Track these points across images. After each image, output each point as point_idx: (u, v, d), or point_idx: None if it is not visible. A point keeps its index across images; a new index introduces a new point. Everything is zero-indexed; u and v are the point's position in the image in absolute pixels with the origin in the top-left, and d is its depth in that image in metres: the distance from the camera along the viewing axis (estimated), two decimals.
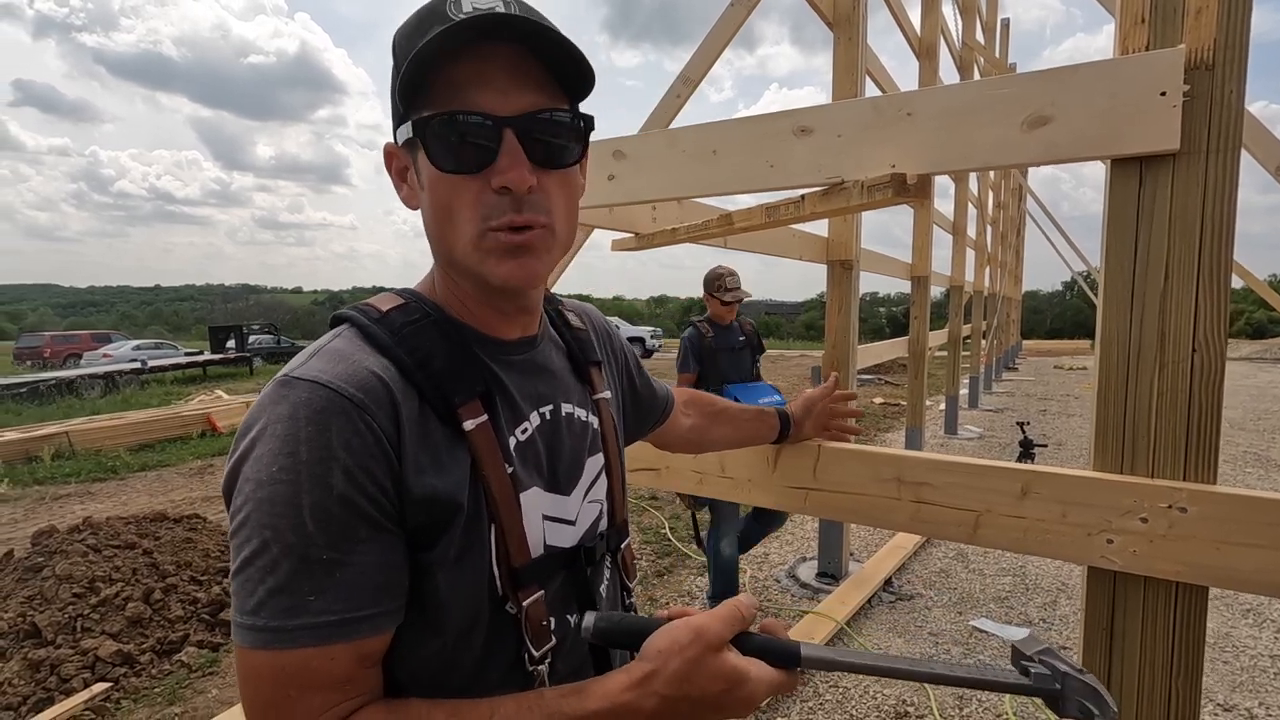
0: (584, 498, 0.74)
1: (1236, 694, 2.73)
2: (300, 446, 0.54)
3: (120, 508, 5.68)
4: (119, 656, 3.01)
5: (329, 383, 0.56)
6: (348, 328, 0.64)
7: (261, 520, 0.53)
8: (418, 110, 0.61)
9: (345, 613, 0.54)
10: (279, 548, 0.53)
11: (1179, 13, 1.05)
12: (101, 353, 20.36)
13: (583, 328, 0.83)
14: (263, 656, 0.53)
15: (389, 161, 0.67)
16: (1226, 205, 1.03)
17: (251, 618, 0.53)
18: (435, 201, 0.62)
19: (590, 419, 0.77)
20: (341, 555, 0.54)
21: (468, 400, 0.62)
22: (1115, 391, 1.13)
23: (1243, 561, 1.03)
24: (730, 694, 0.58)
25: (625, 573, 0.80)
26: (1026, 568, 4.01)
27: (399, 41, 0.61)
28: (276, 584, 0.53)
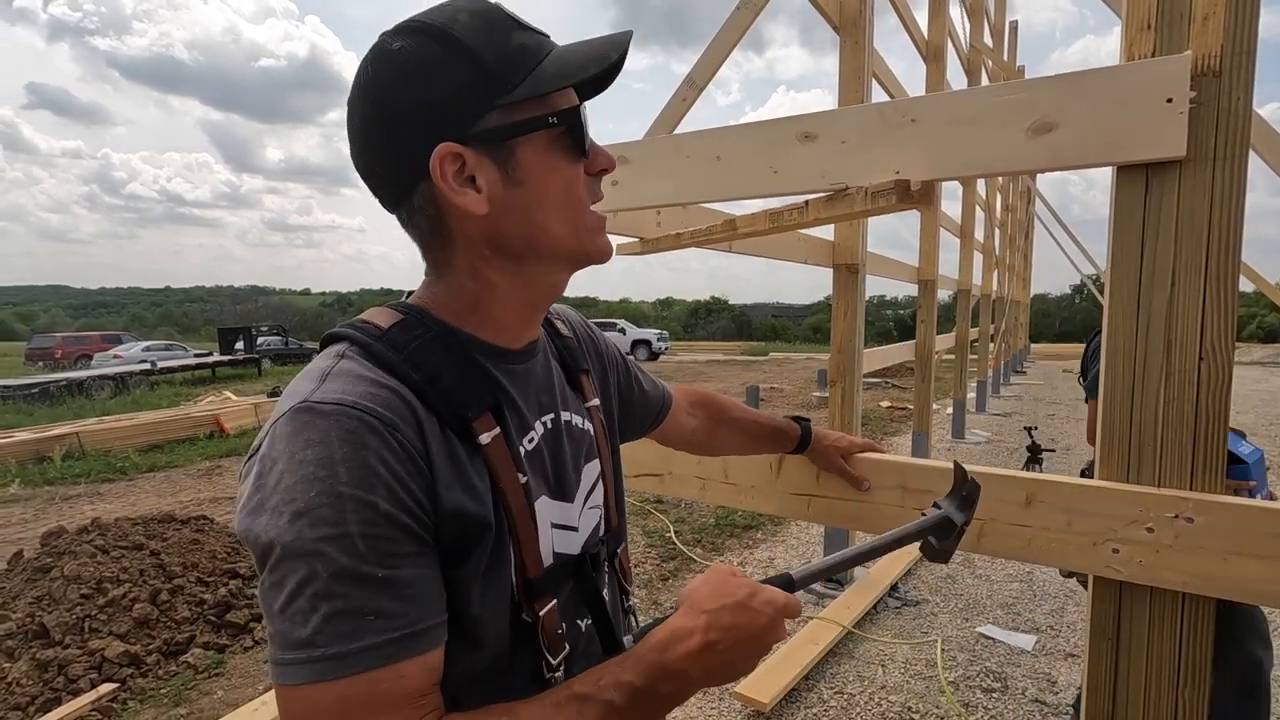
0: (585, 504, 0.75)
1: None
2: (339, 468, 0.52)
3: (129, 508, 5.72)
4: (126, 657, 3.02)
5: (355, 403, 0.55)
6: (349, 347, 0.62)
7: (304, 549, 0.51)
8: (535, 106, 0.62)
9: (407, 627, 0.53)
10: (330, 573, 0.51)
11: (1185, 19, 1.05)
12: (112, 354, 20.53)
13: (570, 336, 0.84)
14: (323, 689, 0.50)
15: (443, 166, 0.60)
16: (1234, 212, 1.02)
17: (306, 650, 0.50)
18: (553, 190, 0.64)
19: (586, 425, 0.78)
20: (395, 571, 0.53)
21: (480, 414, 0.63)
22: (1121, 400, 1.12)
23: (1251, 573, 1.02)
24: (753, 597, 0.63)
25: (623, 576, 0.82)
26: (1034, 574, 3.98)
27: (476, 38, 0.60)
28: (333, 609, 0.51)
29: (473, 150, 0.61)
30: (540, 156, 0.63)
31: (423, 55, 0.60)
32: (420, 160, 0.60)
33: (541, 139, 0.63)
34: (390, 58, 0.61)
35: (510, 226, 0.64)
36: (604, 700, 0.57)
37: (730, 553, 4.46)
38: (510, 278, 0.67)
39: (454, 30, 0.60)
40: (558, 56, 0.63)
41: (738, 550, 4.51)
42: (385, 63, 0.61)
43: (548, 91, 0.62)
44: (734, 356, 27.08)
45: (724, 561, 4.28)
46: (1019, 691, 2.78)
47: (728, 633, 0.59)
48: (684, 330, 55.90)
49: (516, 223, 0.64)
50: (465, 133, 0.61)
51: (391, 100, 0.61)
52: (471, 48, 0.60)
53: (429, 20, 0.61)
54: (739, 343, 38.54)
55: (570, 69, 0.62)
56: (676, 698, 0.60)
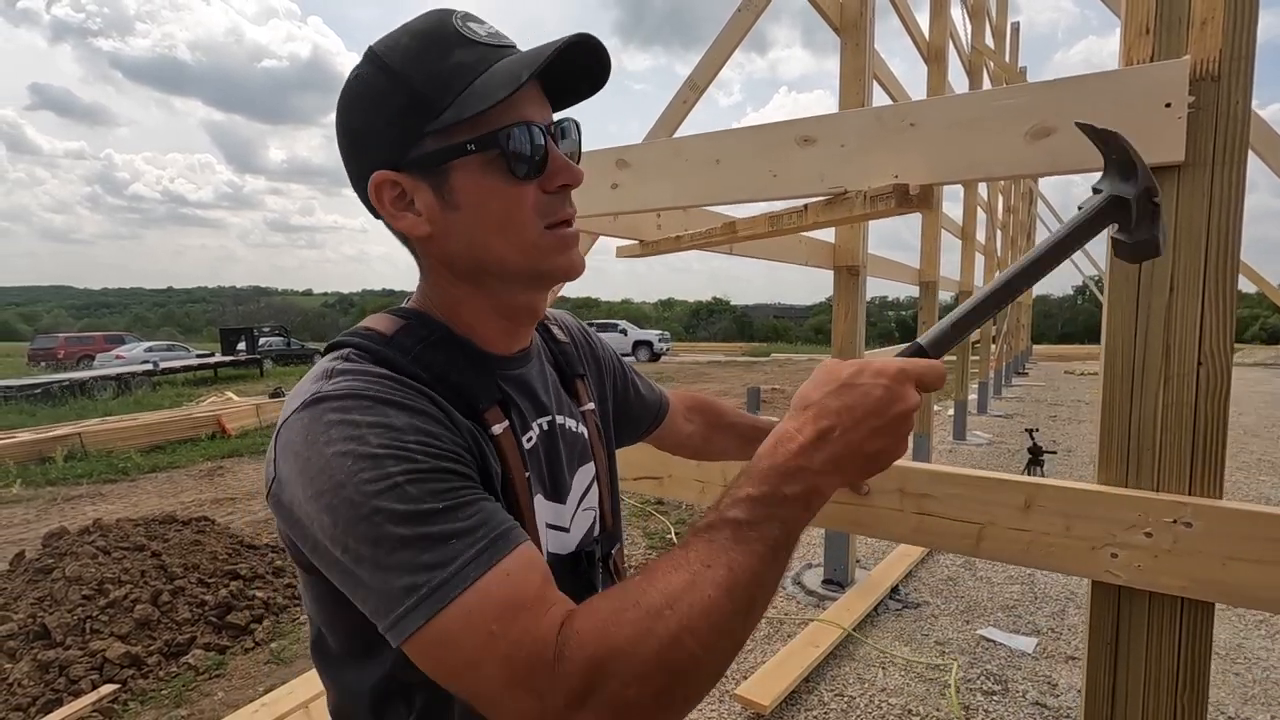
0: (578, 505, 0.77)
1: (1248, 706, 2.70)
2: (368, 435, 0.53)
3: (130, 509, 5.73)
4: (127, 658, 3.03)
5: (367, 386, 0.56)
6: (352, 354, 0.62)
7: (362, 514, 0.51)
8: (466, 129, 0.60)
9: (490, 533, 0.52)
10: (396, 523, 0.51)
11: (1184, 24, 1.05)
12: (114, 354, 20.57)
13: (567, 341, 0.85)
14: (444, 618, 0.49)
15: (380, 192, 0.63)
16: (1232, 217, 1.02)
17: (410, 597, 0.50)
18: (491, 213, 0.63)
19: (580, 429, 0.80)
20: (454, 500, 0.53)
21: (490, 406, 0.64)
22: (1120, 404, 1.12)
23: (1249, 578, 1.02)
24: (860, 374, 0.57)
25: (618, 576, 0.82)
26: (1035, 577, 3.97)
27: (408, 64, 0.60)
28: (416, 550, 0.50)
29: (408, 176, 0.62)
30: (475, 179, 0.62)
31: (367, 83, 0.62)
32: (367, 182, 0.63)
33: (475, 161, 0.61)
34: (350, 85, 0.63)
35: (455, 246, 0.64)
36: (729, 519, 0.53)
37: None
38: (473, 294, 0.68)
39: (389, 58, 0.61)
40: (493, 73, 0.60)
41: None
42: (346, 89, 0.63)
43: (474, 114, 0.59)
44: (735, 357, 27.07)
45: None
46: (1019, 694, 2.78)
47: (841, 415, 0.55)
48: (685, 331, 55.90)
49: (460, 244, 0.64)
50: (401, 159, 0.62)
51: (347, 124, 0.64)
52: (402, 74, 0.60)
53: (379, 47, 0.62)
54: (740, 344, 38.52)
55: (494, 86, 0.59)
56: (809, 498, 0.54)
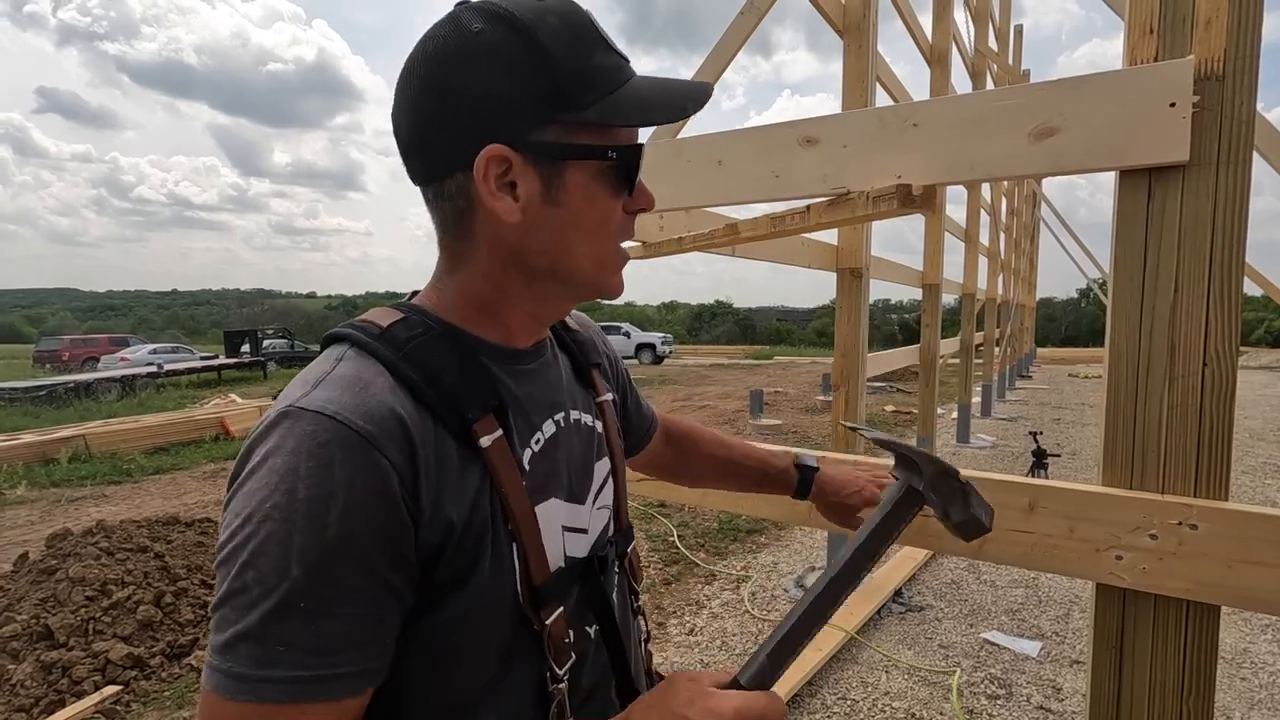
0: (594, 504, 0.73)
1: (1254, 711, 2.68)
2: (298, 483, 0.49)
3: (134, 510, 5.74)
4: (130, 659, 3.03)
5: (335, 414, 0.52)
6: (349, 348, 0.60)
7: (245, 558, 0.49)
8: (595, 134, 0.60)
9: (320, 669, 0.49)
10: (259, 590, 0.48)
11: (1188, 23, 1.04)
12: (119, 356, 20.63)
13: (579, 330, 0.83)
14: (224, 705, 0.48)
15: (488, 165, 0.58)
16: (1237, 217, 1.02)
17: (219, 658, 0.48)
18: (588, 219, 0.62)
19: (595, 423, 0.76)
20: (325, 605, 0.49)
21: (481, 416, 0.60)
22: (1125, 405, 1.11)
23: (1256, 580, 1.01)
24: (691, 704, 0.56)
25: (633, 576, 0.79)
26: (1039, 580, 3.95)
27: (558, 46, 0.57)
28: (247, 628, 0.48)
29: (521, 158, 0.58)
30: (586, 183, 0.61)
31: (501, 46, 0.57)
32: (466, 149, 0.58)
33: (592, 166, 0.61)
34: (467, 37, 0.57)
35: (536, 242, 0.62)
36: None
37: (734, 557, 4.44)
38: (521, 289, 0.65)
39: (540, 32, 0.57)
40: (635, 90, 0.61)
41: (741, 555, 4.50)
42: (460, 40, 0.57)
43: (615, 124, 0.60)
44: (738, 360, 27.06)
45: (727, 566, 4.27)
46: (1024, 698, 2.76)
47: None
48: (688, 334, 55.84)
49: (544, 241, 0.62)
50: (520, 138, 0.58)
51: (456, 80, 0.57)
52: (553, 55, 0.57)
53: (517, 12, 0.57)
54: (743, 346, 38.46)
55: (644, 109, 0.60)
56: None
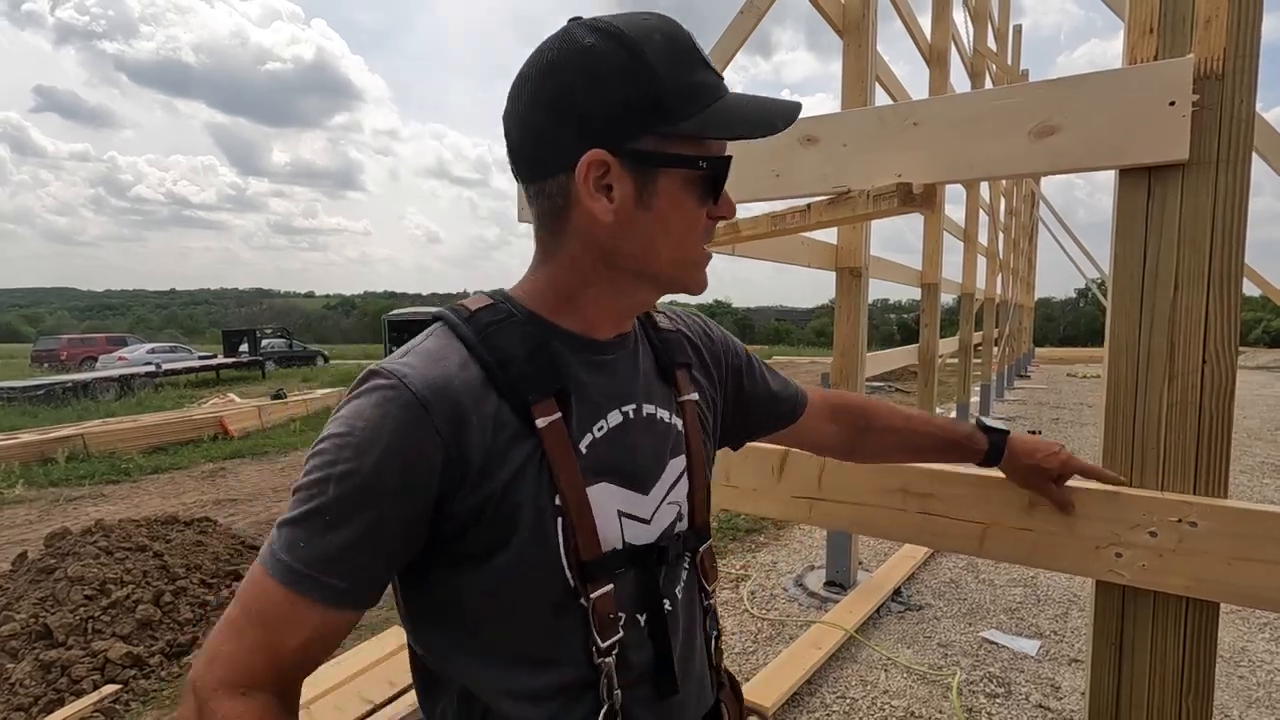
0: (663, 498, 0.75)
1: (1252, 710, 2.68)
2: (357, 424, 0.60)
3: (133, 510, 5.73)
4: (129, 659, 3.03)
5: (404, 377, 0.61)
6: (440, 326, 0.69)
7: (309, 467, 0.61)
8: (691, 145, 0.65)
9: (313, 571, 0.59)
10: (306, 493, 0.60)
11: (1188, 22, 1.05)
12: (117, 356, 20.60)
13: (671, 330, 0.85)
14: (259, 568, 0.61)
15: (589, 169, 0.63)
16: (1236, 215, 1.02)
17: (274, 532, 0.62)
18: (675, 224, 0.67)
19: (673, 420, 0.78)
20: (338, 524, 0.59)
21: (543, 398, 0.65)
22: (1124, 403, 1.11)
23: (1255, 578, 1.02)
24: None
25: (704, 575, 0.81)
26: (1038, 579, 3.96)
27: (662, 62, 0.62)
28: (291, 518, 0.61)
29: (619, 163, 0.64)
30: (676, 190, 0.66)
31: (610, 61, 0.62)
32: (569, 153, 0.63)
33: (683, 175, 0.66)
34: (579, 50, 0.63)
35: (626, 242, 0.67)
36: None
37: (733, 555, 4.45)
38: (606, 284, 0.70)
39: (645, 48, 0.62)
40: (728, 106, 0.66)
41: (740, 554, 4.50)
42: (572, 53, 0.63)
43: (708, 137, 0.65)
44: None
45: (726, 565, 4.27)
46: (1023, 697, 2.76)
47: None
48: None
49: (633, 241, 0.67)
50: (620, 145, 0.63)
51: (567, 91, 0.63)
52: (656, 70, 0.62)
53: (625, 29, 0.63)
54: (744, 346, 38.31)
55: (738, 124, 0.65)
56: None
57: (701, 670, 0.79)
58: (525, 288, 0.73)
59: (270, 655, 0.61)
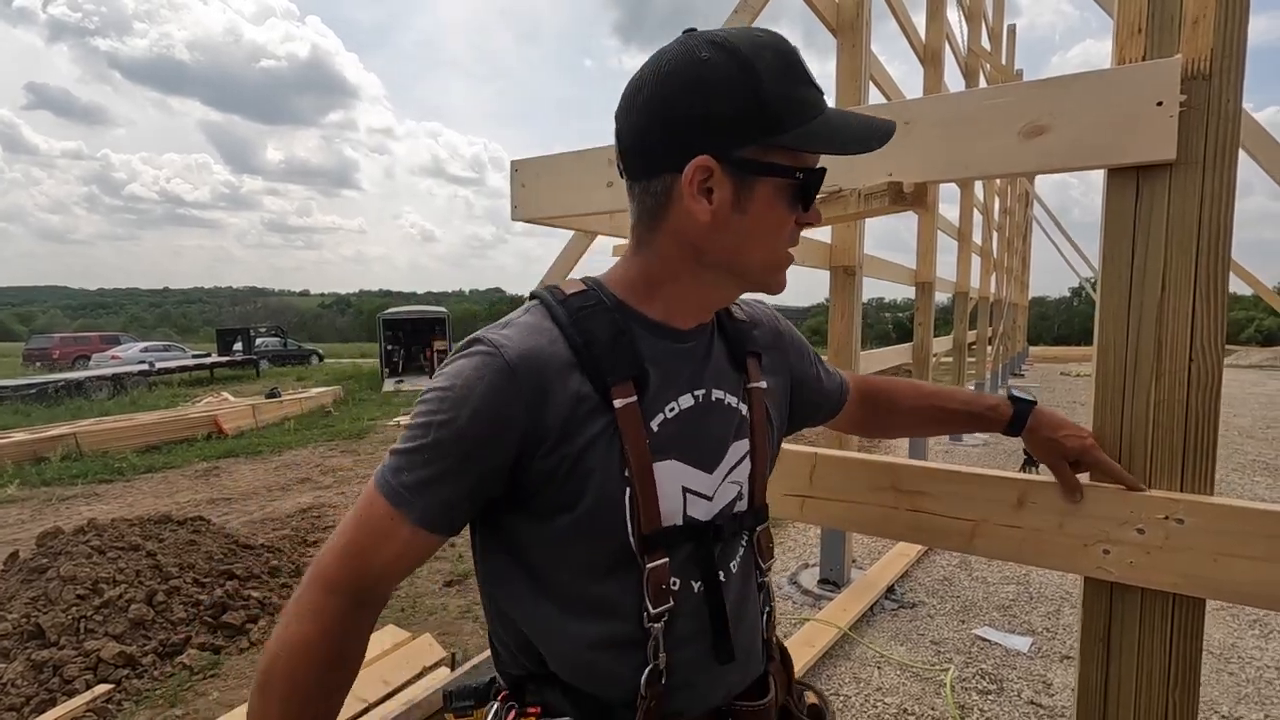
0: (724, 477, 0.80)
1: (1241, 705, 2.71)
2: (457, 382, 0.69)
3: (126, 509, 5.71)
4: (121, 658, 3.02)
5: (501, 345, 0.70)
6: (537, 305, 0.76)
7: (416, 411, 0.71)
8: (790, 156, 0.70)
9: (409, 494, 0.70)
10: (411, 432, 0.71)
11: (1176, 22, 1.05)
12: (110, 354, 20.50)
13: (745, 320, 0.90)
14: (372, 485, 0.72)
15: (694, 173, 0.69)
16: (1223, 215, 1.03)
17: (387, 457, 0.72)
18: (766, 227, 0.73)
19: (739, 406, 0.83)
20: (432, 461, 0.69)
21: (620, 381, 0.71)
22: (1112, 401, 1.12)
23: (1240, 574, 1.02)
24: None
25: (760, 553, 0.86)
26: (1030, 576, 3.98)
27: (772, 78, 0.67)
28: (399, 449, 0.71)
29: (722, 169, 0.69)
30: (771, 197, 0.71)
31: (723, 74, 0.67)
32: (678, 156, 0.69)
33: (780, 183, 0.70)
34: (695, 63, 0.67)
35: (718, 242, 0.72)
36: None
37: None
38: (692, 278, 0.76)
39: (757, 65, 0.67)
40: (827, 121, 0.70)
41: None
42: (689, 65, 0.68)
43: (807, 150, 0.70)
44: None
45: None
46: (1014, 693, 2.78)
47: None
48: None
49: (726, 241, 0.72)
50: (725, 153, 0.68)
51: (681, 98, 0.68)
52: (766, 86, 0.67)
53: (740, 46, 0.67)
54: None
55: (835, 140, 0.71)
56: None
57: (751, 641, 0.84)
58: (617, 275, 0.79)
59: (363, 560, 0.71)
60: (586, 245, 4.67)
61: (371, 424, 10.49)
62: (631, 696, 0.73)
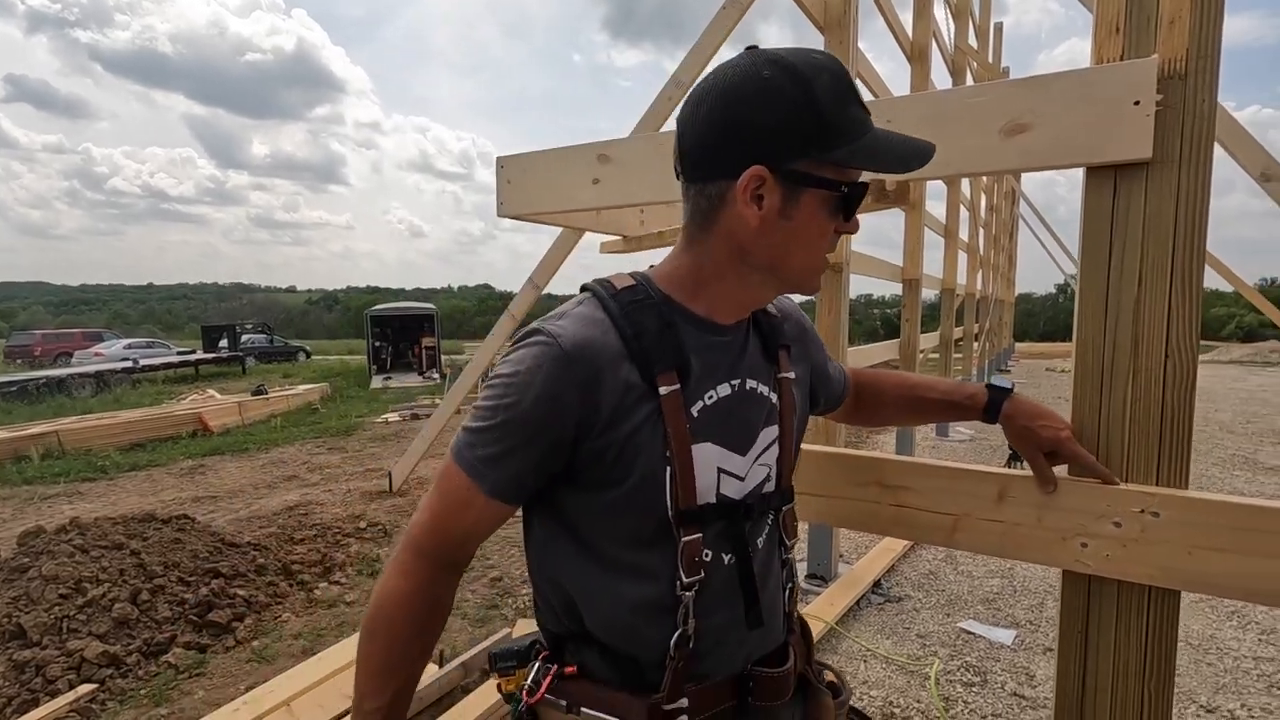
0: (755, 460, 0.86)
1: (1219, 695, 2.75)
2: (519, 369, 0.76)
3: (109, 508, 5.65)
4: (105, 658, 2.99)
5: (559, 335, 0.76)
6: (590, 297, 0.83)
7: (485, 395, 0.79)
8: (835, 170, 0.76)
9: (481, 467, 0.78)
10: (481, 413, 0.79)
11: (1153, 23, 1.07)
12: (93, 351, 20.25)
13: (776, 315, 0.96)
14: (450, 459, 0.80)
15: (749, 180, 0.74)
16: (1198, 213, 1.04)
17: (459, 435, 0.81)
18: (809, 235, 0.79)
19: (770, 395, 0.89)
20: (500, 438, 0.77)
21: (665, 371, 0.78)
22: (1090, 397, 1.14)
23: (1214, 566, 1.04)
24: None
25: (785, 531, 0.92)
26: (1015, 570, 4.02)
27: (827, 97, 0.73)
28: (471, 426, 0.80)
29: (773, 178, 0.75)
30: (816, 207, 0.77)
31: (782, 92, 0.72)
32: (735, 164, 0.75)
33: (825, 195, 0.76)
34: (757, 80, 0.73)
35: (764, 245, 0.78)
36: None
37: None
38: (736, 277, 0.82)
39: (815, 85, 0.73)
40: (874, 140, 0.76)
41: None
42: (750, 80, 0.73)
43: (853, 166, 0.76)
44: None
45: None
46: (998, 685, 2.82)
47: None
48: None
49: (770, 245, 0.78)
50: (778, 164, 0.74)
51: (742, 112, 0.74)
52: (821, 105, 0.73)
53: (799, 66, 0.73)
54: None
55: (879, 158, 0.77)
56: None
57: (772, 612, 0.90)
58: (665, 271, 0.85)
59: (446, 526, 0.81)
60: (575, 242, 4.67)
61: (359, 421, 10.43)
62: (661, 658, 0.80)
